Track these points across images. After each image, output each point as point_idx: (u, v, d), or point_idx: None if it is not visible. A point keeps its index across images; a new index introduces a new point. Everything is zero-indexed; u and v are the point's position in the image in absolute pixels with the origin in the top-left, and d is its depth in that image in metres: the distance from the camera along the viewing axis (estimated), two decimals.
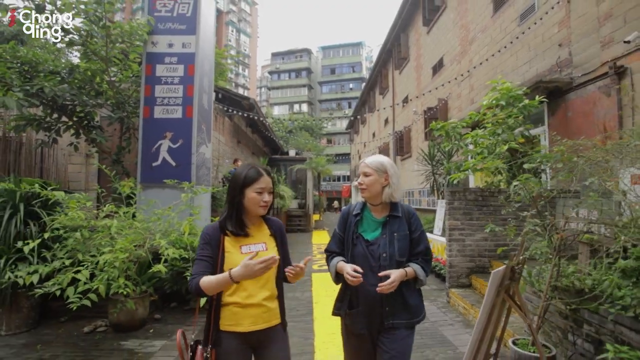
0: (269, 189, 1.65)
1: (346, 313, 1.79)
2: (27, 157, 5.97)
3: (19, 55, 4.65)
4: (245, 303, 1.57)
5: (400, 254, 1.75)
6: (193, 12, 5.72)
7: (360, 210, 1.89)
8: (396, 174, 1.84)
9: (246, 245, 1.63)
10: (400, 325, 1.73)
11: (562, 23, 6.25)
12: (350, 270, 1.65)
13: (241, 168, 1.69)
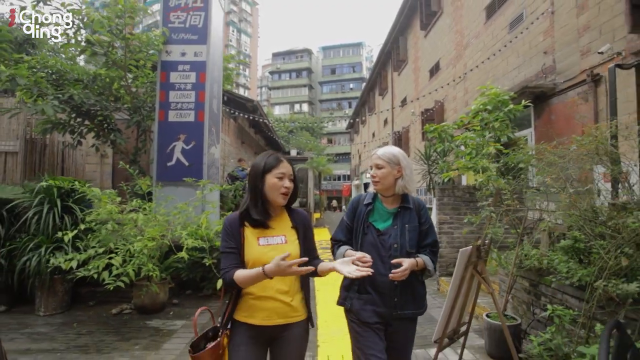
0: (289, 175, 1.61)
1: (354, 298, 1.77)
2: (50, 157, 6.45)
3: (48, 65, 5.11)
4: (258, 295, 1.55)
5: (411, 245, 1.75)
6: (204, 24, 6.19)
7: (372, 200, 1.87)
8: (409, 166, 1.81)
9: (264, 237, 1.59)
10: (405, 316, 1.74)
11: (547, 32, 6.71)
12: (359, 255, 1.56)
13: (260, 157, 1.66)
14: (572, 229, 2.48)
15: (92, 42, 5.26)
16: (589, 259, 2.15)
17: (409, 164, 1.81)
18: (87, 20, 4.97)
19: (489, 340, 3.00)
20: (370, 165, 1.83)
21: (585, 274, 2.00)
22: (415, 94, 15.15)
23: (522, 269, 2.89)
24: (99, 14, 5.05)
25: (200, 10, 6.18)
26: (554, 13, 6.51)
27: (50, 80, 5.07)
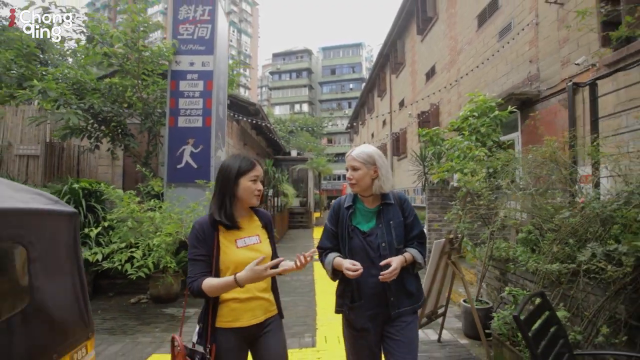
0: (261, 178, 1.65)
1: (349, 307, 1.75)
2: (67, 160, 6.91)
3: (70, 76, 5.55)
4: (244, 297, 1.56)
5: (398, 242, 1.73)
6: (211, 35, 6.63)
7: (352, 202, 1.84)
8: (385, 165, 1.79)
9: (241, 239, 1.60)
10: (405, 313, 1.73)
11: (532, 42, 7.15)
12: (349, 265, 1.61)
13: (231, 159, 1.66)
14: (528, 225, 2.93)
15: (109, 55, 5.69)
16: (539, 249, 2.59)
17: (385, 163, 1.79)
18: (105, 34, 5.40)
19: (464, 322, 3.45)
20: (346, 167, 1.81)
21: (534, 260, 2.45)
22: (412, 97, 15.59)
23: (493, 260, 3.34)
24: (116, 30, 5.49)
25: (207, 22, 6.63)
26: (538, 25, 6.95)
27: (72, 90, 5.50)
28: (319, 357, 3.16)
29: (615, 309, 1.97)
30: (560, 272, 2.20)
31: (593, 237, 1.95)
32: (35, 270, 1.27)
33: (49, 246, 1.36)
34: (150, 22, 5.94)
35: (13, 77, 4.75)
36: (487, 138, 6.11)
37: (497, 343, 2.71)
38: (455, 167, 5.92)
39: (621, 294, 1.92)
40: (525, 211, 2.77)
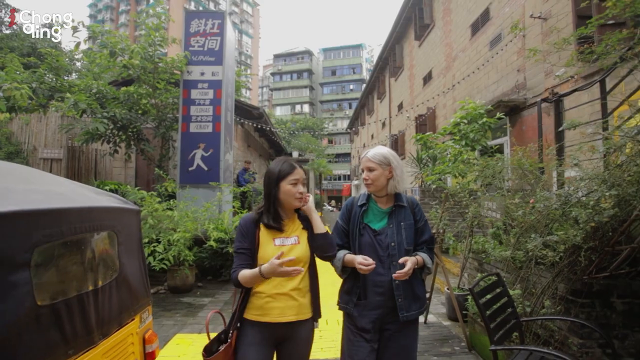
0: (302, 181, 1.68)
1: (355, 304, 1.76)
2: (85, 162, 7.42)
3: (92, 88, 6.05)
4: (272, 292, 1.59)
5: (408, 243, 1.75)
6: (220, 47, 7.14)
7: (366, 200, 1.86)
8: (399, 166, 1.82)
9: (279, 238, 1.66)
10: (412, 317, 1.72)
11: (519, 53, 7.65)
12: (361, 259, 1.63)
13: (274, 163, 1.71)
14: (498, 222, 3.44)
15: (128, 67, 6.20)
16: (505, 241, 3.09)
17: (400, 164, 1.82)
18: (125, 49, 5.90)
19: (447, 307, 3.96)
20: (361, 168, 1.85)
21: (500, 250, 2.94)
22: (410, 100, 16.07)
23: (472, 253, 3.84)
24: (136, 46, 6.00)
25: (216, 35, 7.13)
26: (525, 36, 7.45)
27: (95, 100, 6.02)
28: (320, 335, 3.66)
29: (557, 287, 2.47)
30: (514, 259, 2.70)
31: (539, 230, 2.45)
32: (121, 251, 1.78)
33: (127, 234, 1.86)
34: (165, 36, 6.43)
35: (45, 89, 5.26)
36: (476, 143, 6.60)
37: (471, 321, 3.21)
38: (446, 170, 6.42)
39: (560, 275, 2.42)
40: (493, 210, 3.27)
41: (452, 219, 4.66)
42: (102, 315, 1.56)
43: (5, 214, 1.13)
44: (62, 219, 1.38)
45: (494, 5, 8.84)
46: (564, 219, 2.27)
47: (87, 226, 1.53)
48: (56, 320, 1.29)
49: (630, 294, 2.34)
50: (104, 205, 1.70)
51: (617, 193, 1.95)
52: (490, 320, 2.07)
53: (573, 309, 2.37)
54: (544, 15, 6.87)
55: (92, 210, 1.60)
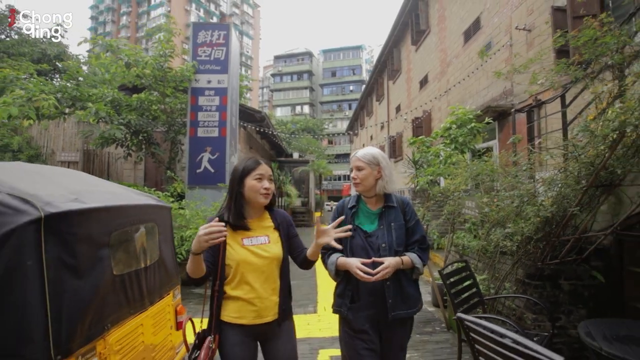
0: (268, 176, 1.65)
1: (348, 307, 1.75)
2: (99, 165, 7.90)
3: (107, 96, 6.53)
4: (247, 297, 1.58)
5: (398, 244, 1.75)
6: (225, 56, 7.62)
7: (356, 202, 1.87)
8: (388, 166, 1.83)
9: (247, 238, 1.63)
10: (399, 317, 1.73)
11: (507, 60, 8.12)
12: (359, 265, 1.63)
13: (239, 162, 1.69)
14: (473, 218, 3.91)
15: (141, 76, 6.68)
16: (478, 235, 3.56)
17: (388, 165, 1.83)
18: (140, 61, 6.38)
19: (432, 295, 4.44)
20: (350, 167, 1.89)
21: (473, 244, 3.41)
22: (408, 102, 16.55)
23: (454, 246, 4.32)
24: (149, 57, 6.48)
25: (222, 45, 7.61)
26: (512, 46, 7.92)
27: (111, 107, 6.49)
28: (319, 319, 4.14)
29: (516, 272, 2.95)
30: (485, 250, 3.17)
31: (502, 224, 2.92)
32: (161, 239, 2.26)
33: (164, 226, 2.34)
34: (174, 47, 6.91)
35: (67, 98, 5.74)
36: (464, 146, 7.06)
37: (450, 306, 3.69)
38: (437, 172, 6.88)
39: (519, 262, 2.90)
40: (472, 208, 3.74)
41: (434, 217, 5.13)
42: (149, 287, 2.04)
43: (95, 209, 1.62)
44: (125, 213, 1.87)
45: (484, 15, 9.32)
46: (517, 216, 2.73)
47: (139, 219, 2.02)
48: (123, 287, 1.78)
49: (575, 277, 2.81)
50: (148, 202, 2.19)
51: (555, 194, 2.42)
52: (456, 297, 2.55)
53: (528, 289, 2.84)
54: (528, 27, 7.34)
55: (141, 206, 2.08)
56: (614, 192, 2.64)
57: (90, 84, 6.79)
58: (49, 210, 1.38)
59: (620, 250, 2.77)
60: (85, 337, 1.47)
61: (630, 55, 2.67)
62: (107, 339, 1.61)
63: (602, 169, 2.15)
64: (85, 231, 1.54)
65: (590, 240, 2.79)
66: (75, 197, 1.59)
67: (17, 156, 6.83)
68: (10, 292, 1.29)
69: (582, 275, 2.80)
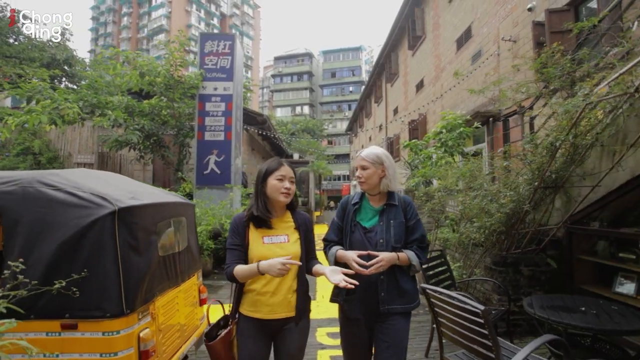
0: (289, 177, 1.73)
1: (344, 299, 1.83)
2: (112, 166, 8.41)
3: (122, 103, 7.04)
4: (263, 291, 1.67)
5: (396, 240, 1.79)
6: (231, 65, 8.13)
7: (359, 199, 1.94)
8: (392, 166, 1.88)
9: (268, 237, 1.72)
10: (395, 311, 1.77)
11: (495, 69, 8.64)
12: (355, 258, 1.69)
13: (264, 163, 1.78)
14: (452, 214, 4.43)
15: (153, 84, 7.19)
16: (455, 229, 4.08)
17: (392, 164, 1.89)
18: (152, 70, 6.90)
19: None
20: (355, 167, 1.94)
21: (452, 238, 3.93)
22: (405, 105, 17.06)
23: (437, 240, 4.84)
24: (161, 68, 6.99)
25: (227, 55, 8.12)
26: (500, 55, 8.44)
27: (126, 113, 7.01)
28: (317, 305, 4.65)
29: (485, 260, 3.46)
30: (462, 242, 3.69)
31: (471, 219, 3.43)
32: (189, 230, 2.77)
33: (190, 219, 2.85)
34: (184, 57, 7.42)
35: (87, 105, 6.25)
36: (453, 150, 7.57)
37: None
38: (427, 174, 7.39)
39: (487, 252, 3.41)
40: (454, 206, 4.26)
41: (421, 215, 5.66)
42: (182, 268, 2.56)
43: (147, 204, 2.13)
44: (165, 208, 2.39)
45: (475, 24, 9.84)
46: (483, 212, 3.25)
47: (173, 213, 2.53)
48: (165, 266, 2.29)
49: (533, 264, 3.32)
50: (178, 200, 2.71)
51: (512, 193, 2.93)
52: (431, 279, 3.07)
53: (494, 274, 3.36)
54: (513, 38, 7.86)
55: (174, 203, 2.60)
56: (564, 192, 3.16)
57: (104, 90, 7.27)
58: (119, 205, 1.90)
59: (570, 241, 3.28)
60: (143, 299, 1.98)
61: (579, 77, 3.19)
62: (155, 303, 2.12)
63: (545, 173, 2.66)
64: (142, 221, 2.06)
65: (547, 233, 3.31)
66: (132, 195, 2.11)
67: (38, 158, 7.34)
68: (96, 264, 1.81)
69: (539, 262, 3.32)
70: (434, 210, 4.43)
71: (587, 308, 2.31)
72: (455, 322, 1.97)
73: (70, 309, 1.79)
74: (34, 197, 1.87)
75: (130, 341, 1.85)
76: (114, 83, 8.53)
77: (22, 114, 5.47)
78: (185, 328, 2.56)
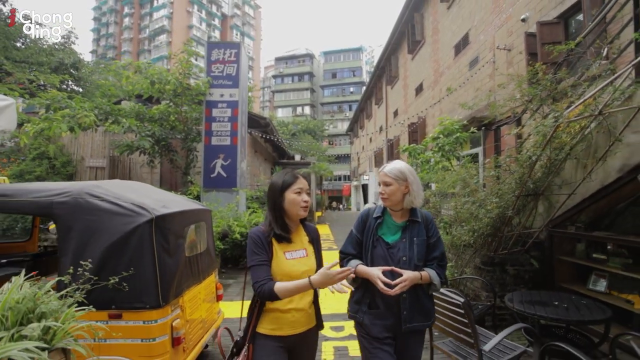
0: (306, 190, 1.72)
1: (365, 312, 1.80)
2: (122, 169, 8.75)
3: (134, 109, 7.37)
4: (285, 309, 1.65)
5: (419, 258, 1.78)
6: (236, 72, 8.46)
7: (381, 213, 1.90)
8: (416, 181, 1.85)
9: (289, 252, 1.70)
10: (416, 329, 1.78)
11: (491, 76, 8.96)
12: (381, 276, 1.65)
13: (277, 175, 1.75)
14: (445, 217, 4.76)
15: (163, 92, 7.52)
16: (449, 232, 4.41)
17: (416, 179, 1.86)
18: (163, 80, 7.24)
19: None
20: (378, 182, 1.89)
21: (446, 240, 4.25)
22: (404, 108, 17.38)
23: None
24: (171, 77, 7.33)
25: (233, 62, 8.45)
26: (495, 63, 8.75)
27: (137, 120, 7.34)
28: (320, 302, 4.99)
29: (474, 260, 3.79)
30: (455, 243, 4.02)
31: (462, 223, 3.75)
32: (208, 233, 3.11)
33: (208, 224, 3.19)
34: (192, 66, 7.76)
35: (101, 113, 6.58)
36: (450, 154, 7.89)
37: None
38: (425, 178, 7.71)
39: (476, 253, 3.74)
40: (445, 209, 4.58)
41: None
42: (202, 267, 2.89)
43: (176, 212, 2.47)
44: (189, 214, 2.72)
45: (472, 32, 10.15)
46: (472, 217, 3.58)
47: (196, 218, 2.87)
48: (190, 265, 2.63)
49: (518, 264, 3.64)
50: (199, 207, 3.04)
51: (497, 200, 3.26)
52: None
53: (483, 273, 3.69)
54: (507, 47, 8.18)
55: (196, 210, 2.94)
56: (546, 199, 3.48)
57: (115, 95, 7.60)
58: (155, 213, 2.23)
59: (551, 243, 3.61)
60: (174, 294, 2.31)
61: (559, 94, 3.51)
62: (184, 297, 2.46)
63: (525, 183, 2.98)
64: (173, 227, 2.39)
65: (531, 235, 3.64)
66: (163, 204, 2.44)
67: (52, 162, 7.68)
68: (137, 264, 2.14)
69: (524, 262, 3.65)
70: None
71: (559, 302, 2.64)
72: (443, 313, 2.30)
73: (116, 302, 2.12)
74: (83, 207, 2.20)
75: (165, 329, 2.19)
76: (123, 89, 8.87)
77: (40, 121, 5.81)
78: (206, 320, 2.90)
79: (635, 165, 2.59)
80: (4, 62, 10.39)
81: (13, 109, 2.84)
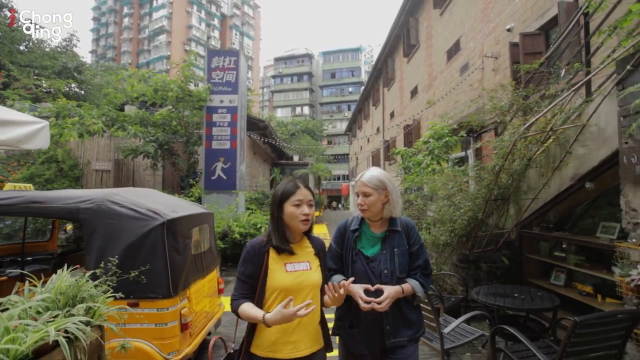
0: (307, 201, 1.60)
1: (347, 332, 1.75)
2: (126, 172, 9.12)
3: (138, 115, 7.75)
4: (285, 327, 1.49)
5: (401, 270, 1.71)
6: (235, 79, 8.83)
7: (359, 225, 1.83)
8: (395, 190, 1.79)
9: (290, 264, 1.59)
10: (402, 343, 1.70)
11: (479, 82, 9.34)
12: (362, 295, 1.60)
13: (280, 184, 1.66)
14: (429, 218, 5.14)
15: (165, 98, 7.90)
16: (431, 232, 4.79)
17: (395, 188, 1.80)
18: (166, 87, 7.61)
19: None
20: (356, 192, 1.81)
21: (428, 239, 4.63)
22: (400, 109, 17.76)
23: None
24: (174, 84, 7.71)
25: (232, 70, 8.83)
26: (484, 69, 9.13)
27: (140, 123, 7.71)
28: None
29: (452, 258, 4.18)
30: (431, 242, 4.41)
31: (439, 224, 4.13)
32: (210, 234, 3.49)
33: (211, 225, 3.57)
34: (194, 74, 8.13)
35: (108, 119, 6.94)
36: (439, 157, 8.27)
37: None
38: (415, 180, 8.10)
39: (454, 251, 4.12)
40: (430, 211, 4.96)
41: None
42: (206, 264, 3.27)
43: (184, 216, 2.85)
44: (195, 217, 3.11)
45: (463, 38, 10.53)
46: (448, 219, 3.96)
47: (200, 221, 3.25)
48: (195, 262, 3.01)
49: (491, 261, 4.03)
50: (202, 211, 3.43)
51: (470, 204, 3.65)
52: None
53: (459, 270, 4.08)
54: (494, 55, 8.56)
55: (200, 213, 3.32)
56: (516, 202, 3.87)
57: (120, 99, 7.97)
58: (166, 217, 2.61)
59: (520, 242, 4.00)
60: (182, 286, 2.70)
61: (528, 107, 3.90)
62: (190, 289, 2.84)
63: (492, 189, 3.36)
64: (181, 229, 2.77)
65: (502, 235, 4.03)
66: (172, 209, 2.83)
67: (60, 166, 8.04)
68: (152, 261, 2.51)
69: (496, 259, 4.03)
70: (412, 216, 5.14)
71: (519, 294, 3.02)
72: None
73: (134, 292, 2.50)
74: (105, 212, 2.58)
75: (175, 315, 2.57)
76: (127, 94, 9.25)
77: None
78: (209, 311, 3.28)
79: (583, 175, 2.98)
80: (11, 68, 10.74)
81: (47, 129, 3.20)
